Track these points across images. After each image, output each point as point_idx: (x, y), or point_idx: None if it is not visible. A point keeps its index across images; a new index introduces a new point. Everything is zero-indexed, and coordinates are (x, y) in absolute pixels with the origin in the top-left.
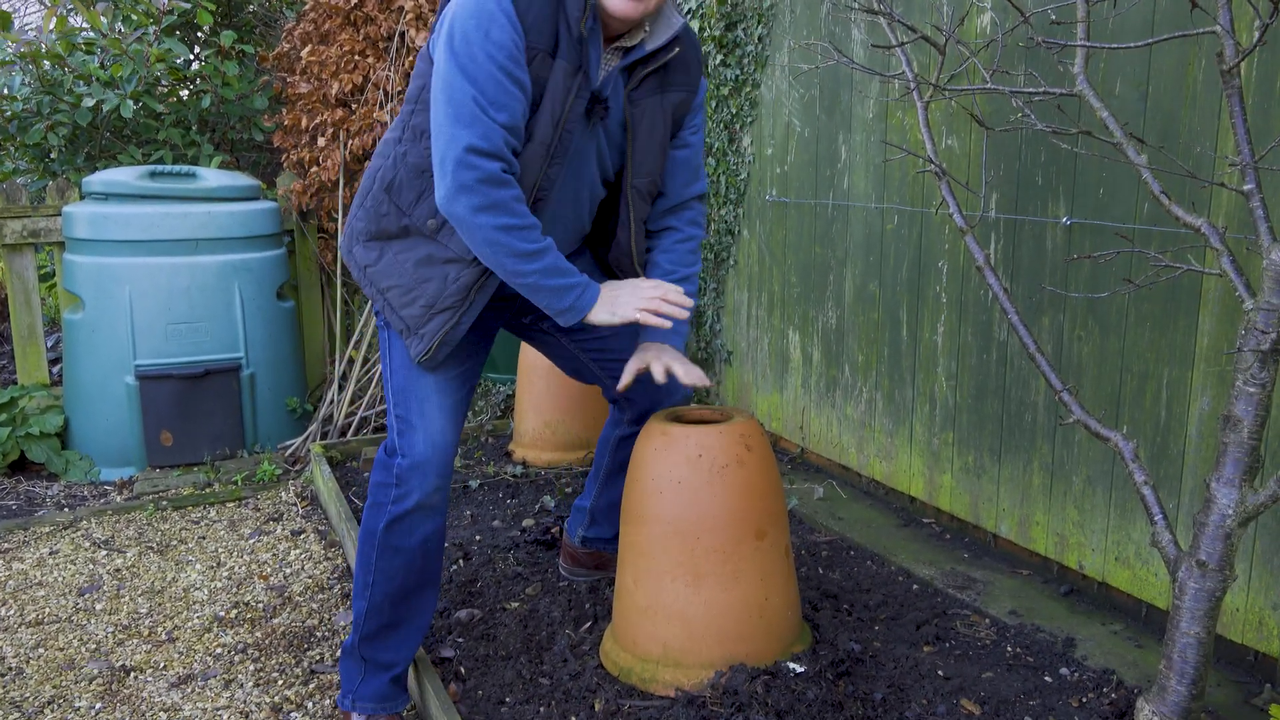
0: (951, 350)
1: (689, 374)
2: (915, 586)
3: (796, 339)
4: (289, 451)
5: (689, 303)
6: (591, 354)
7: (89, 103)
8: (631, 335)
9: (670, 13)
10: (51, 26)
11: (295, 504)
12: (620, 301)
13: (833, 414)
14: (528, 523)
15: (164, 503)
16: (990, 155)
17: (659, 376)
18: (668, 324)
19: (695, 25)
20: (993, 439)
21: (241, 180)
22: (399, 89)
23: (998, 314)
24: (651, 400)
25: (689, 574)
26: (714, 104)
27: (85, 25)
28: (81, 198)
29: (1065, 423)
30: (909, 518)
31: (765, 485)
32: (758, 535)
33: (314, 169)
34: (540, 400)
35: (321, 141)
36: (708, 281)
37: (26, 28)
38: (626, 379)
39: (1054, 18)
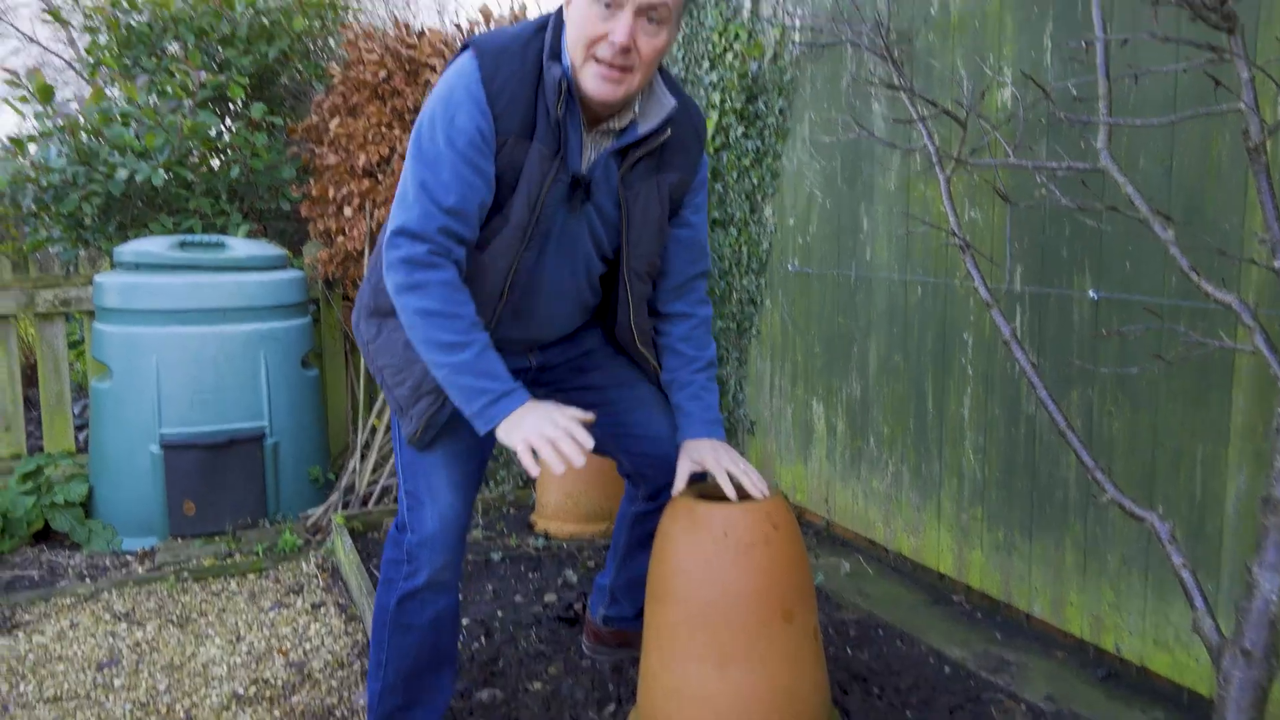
0: (979, 424)
1: (755, 485)
2: (947, 669)
3: (820, 410)
4: (310, 521)
5: (582, 456)
6: (608, 431)
7: (123, 174)
8: (647, 407)
9: (662, 93)
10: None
11: (316, 576)
12: (521, 426)
13: (858, 486)
14: (550, 598)
15: (185, 574)
16: (1014, 228)
17: (727, 489)
18: (540, 469)
19: (716, 97)
20: (1023, 515)
21: (269, 250)
22: None
23: (1025, 387)
24: (665, 477)
25: (715, 656)
26: (735, 175)
27: (121, 95)
28: (112, 267)
29: (1099, 501)
30: (938, 595)
31: (792, 565)
32: (785, 617)
33: (340, 238)
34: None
35: (348, 211)
36: (730, 351)
37: (67, 101)
38: (681, 484)
39: (1075, 93)
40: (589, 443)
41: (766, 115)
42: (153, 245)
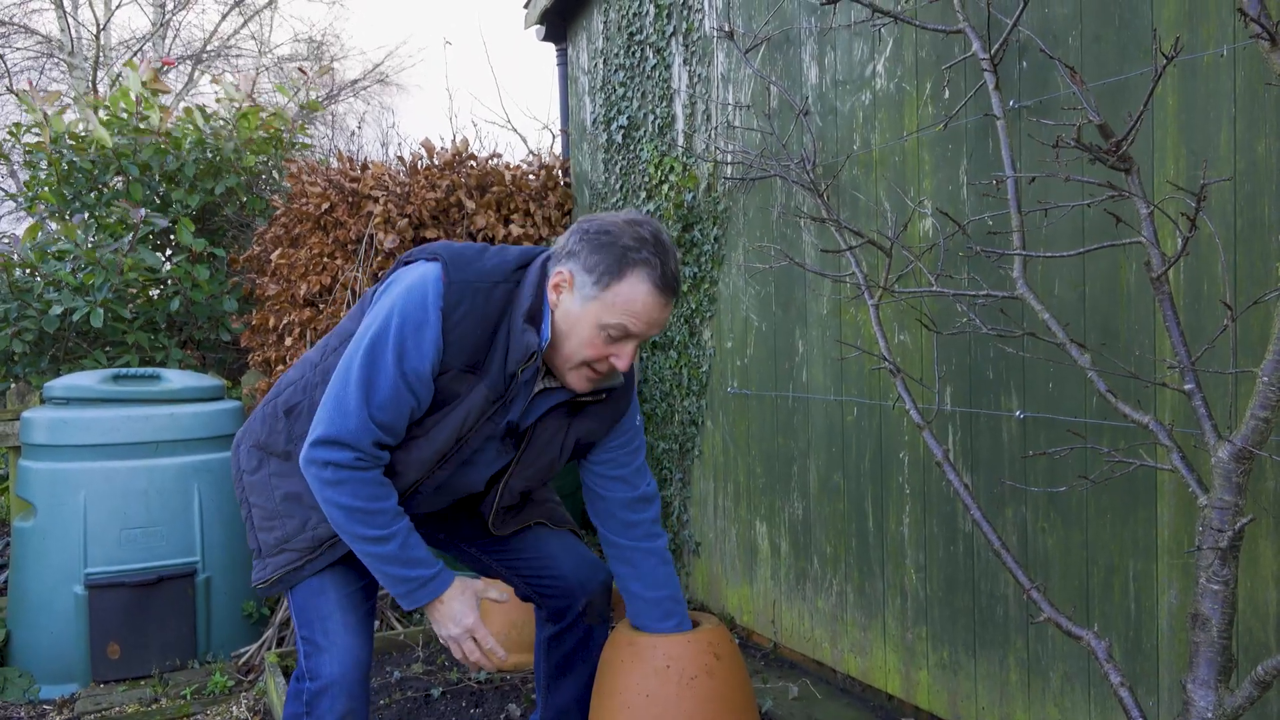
0: (918, 542)
1: None
2: None
3: (764, 530)
4: (243, 660)
5: (491, 663)
6: (496, 558)
7: (57, 310)
8: (533, 531)
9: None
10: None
11: (247, 719)
12: (443, 626)
13: (804, 607)
14: None
15: None
16: (941, 350)
17: None
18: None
19: None
20: (966, 633)
21: (205, 381)
22: (366, 288)
23: (961, 505)
24: (564, 598)
25: None
26: None
27: (59, 231)
28: (42, 402)
29: (1036, 621)
30: (888, 716)
31: (736, 695)
32: None
33: (280, 367)
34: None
35: (289, 340)
36: (673, 472)
37: (3, 237)
38: None
39: (991, 225)
40: (487, 642)
41: (702, 243)
42: (85, 380)
